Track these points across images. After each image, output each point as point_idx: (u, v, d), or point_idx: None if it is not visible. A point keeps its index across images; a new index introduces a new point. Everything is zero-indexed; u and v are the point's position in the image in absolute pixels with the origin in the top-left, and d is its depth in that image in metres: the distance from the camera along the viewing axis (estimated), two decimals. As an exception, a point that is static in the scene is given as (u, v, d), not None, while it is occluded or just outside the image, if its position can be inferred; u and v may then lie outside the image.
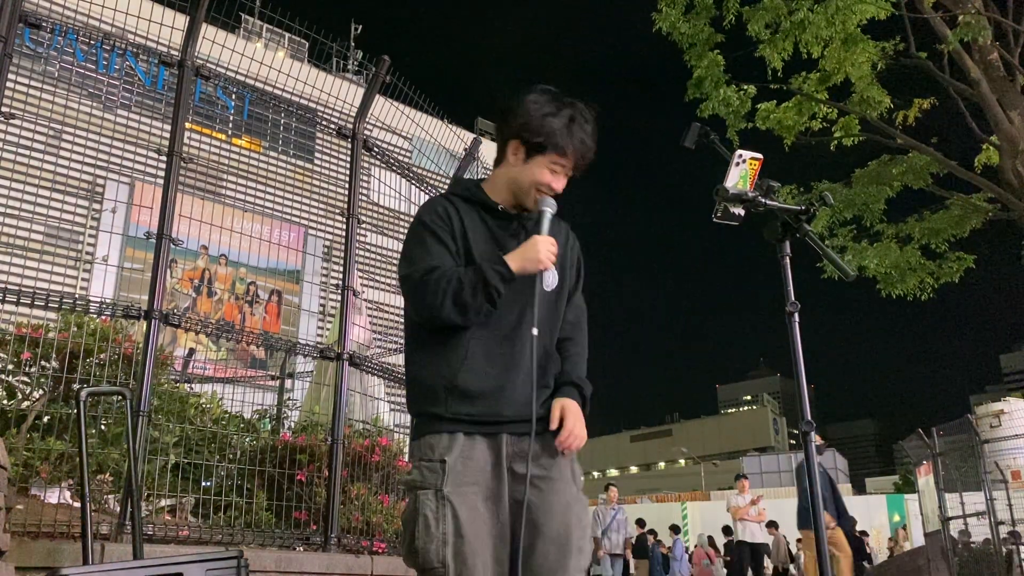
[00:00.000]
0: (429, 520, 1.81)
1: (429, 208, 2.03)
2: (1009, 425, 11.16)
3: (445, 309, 1.85)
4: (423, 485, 1.85)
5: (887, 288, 10.25)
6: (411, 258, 1.95)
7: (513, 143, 2.00)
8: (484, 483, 1.87)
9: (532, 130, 1.96)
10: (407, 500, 1.90)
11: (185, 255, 13.44)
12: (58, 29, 4.19)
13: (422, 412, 1.93)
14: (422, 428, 1.93)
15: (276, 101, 5.35)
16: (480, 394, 1.88)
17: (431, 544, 1.80)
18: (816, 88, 9.84)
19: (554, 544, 1.86)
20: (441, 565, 1.79)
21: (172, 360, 5.50)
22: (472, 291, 1.84)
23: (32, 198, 5.10)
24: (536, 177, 1.98)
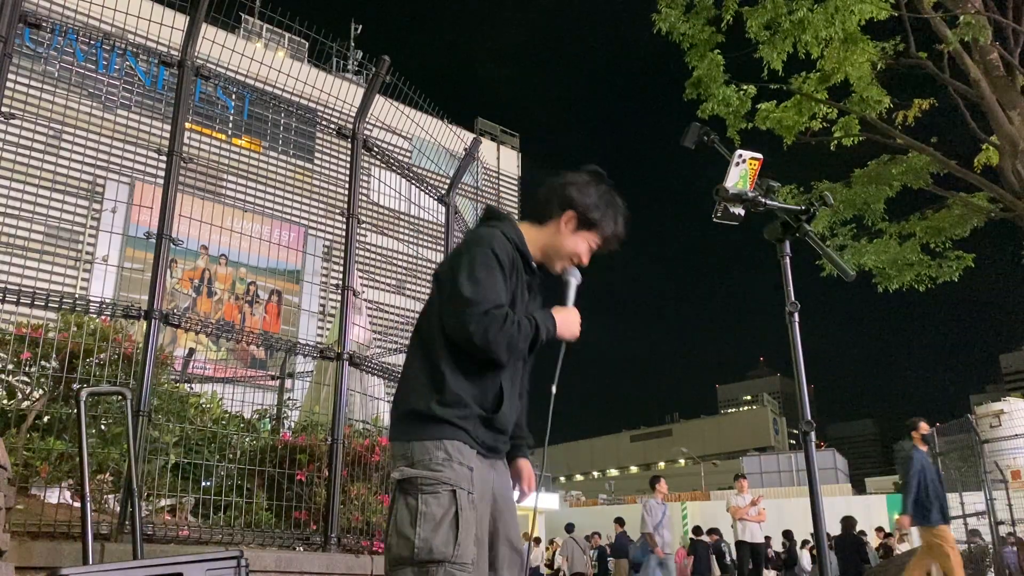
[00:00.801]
0: (469, 519, 1.93)
1: (501, 243, 2.11)
2: (1009, 425, 11.18)
3: (500, 350, 1.97)
4: (459, 484, 1.94)
5: (884, 283, 10.24)
6: (480, 283, 2.00)
7: (568, 213, 2.21)
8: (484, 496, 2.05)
9: (591, 208, 2.20)
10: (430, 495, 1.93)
11: (185, 255, 13.43)
12: (58, 29, 4.19)
13: (450, 423, 2.00)
14: (445, 432, 1.99)
15: (276, 101, 5.35)
16: (499, 431, 2.11)
17: (469, 541, 1.91)
18: (816, 88, 9.84)
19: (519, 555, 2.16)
20: (472, 563, 1.90)
21: (172, 360, 5.50)
22: (525, 339, 2.01)
23: (32, 198, 5.10)
24: (577, 249, 2.22)
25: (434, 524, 1.88)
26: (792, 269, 2.04)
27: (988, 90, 9.38)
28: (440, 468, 1.94)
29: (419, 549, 1.87)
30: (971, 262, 10.14)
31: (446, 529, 1.88)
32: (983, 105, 9.44)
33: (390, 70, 5.25)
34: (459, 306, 1.97)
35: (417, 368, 2.08)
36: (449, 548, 1.86)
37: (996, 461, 10.67)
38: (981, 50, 9.50)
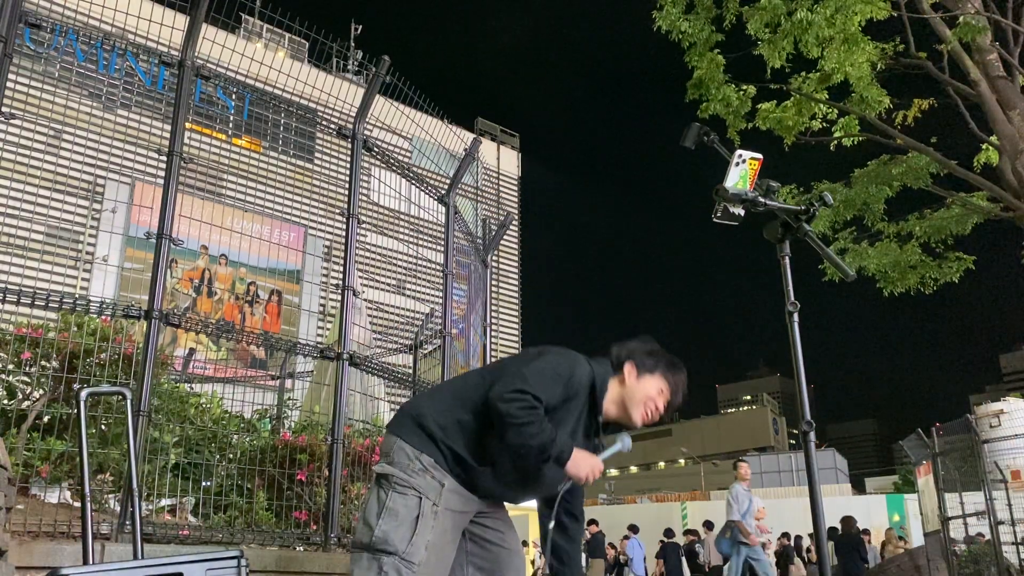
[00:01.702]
0: (427, 526, 2.13)
1: (583, 371, 2.33)
2: (1009, 425, 11.16)
3: (514, 426, 2.11)
4: (426, 494, 2.15)
5: (887, 287, 10.24)
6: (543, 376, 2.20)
7: (628, 364, 2.42)
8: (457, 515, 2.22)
9: (647, 355, 2.44)
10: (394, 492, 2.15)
11: (185, 255, 13.45)
12: (58, 29, 4.19)
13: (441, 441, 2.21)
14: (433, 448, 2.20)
15: (276, 101, 5.35)
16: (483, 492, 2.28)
17: (422, 544, 2.11)
18: (816, 88, 9.83)
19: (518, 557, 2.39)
20: (420, 563, 2.10)
21: (172, 360, 5.50)
22: (537, 437, 2.13)
23: (32, 198, 5.10)
24: (649, 392, 2.40)
25: (396, 520, 2.11)
26: (792, 269, 2.04)
27: (988, 90, 9.37)
28: (414, 476, 2.16)
29: (376, 539, 2.09)
30: (971, 264, 10.14)
31: (405, 527, 2.10)
32: (983, 105, 9.43)
33: (390, 70, 5.25)
34: (513, 379, 2.16)
35: (450, 392, 2.33)
36: (403, 544, 2.08)
37: (996, 461, 10.65)
38: (981, 50, 9.50)
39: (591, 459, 2.25)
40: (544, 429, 2.12)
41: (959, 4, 9.42)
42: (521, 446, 2.13)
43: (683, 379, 2.46)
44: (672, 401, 2.45)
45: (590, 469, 2.23)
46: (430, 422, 2.22)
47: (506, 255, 27.70)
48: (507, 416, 2.10)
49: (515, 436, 2.11)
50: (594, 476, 2.24)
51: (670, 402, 2.44)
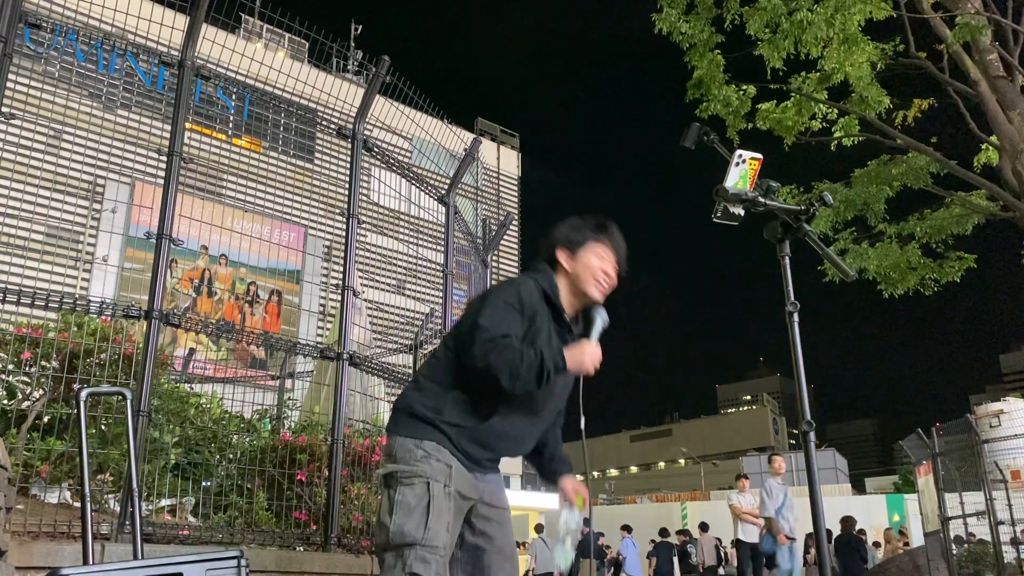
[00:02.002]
0: (441, 508, 2.10)
1: (528, 288, 2.30)
2: (1009, 425, 11.16)
3: (501, 373, 2.09)
4: (435, 478, 2.13)
5: (888, 288, 10.24)
6: (495, 316, 2.18)
7: (559, 251, 2.39)
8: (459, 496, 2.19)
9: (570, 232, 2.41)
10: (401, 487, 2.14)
11: (185, 255, 13.46)
12: (58, 29, 4.19)
13: (438, 428, 2.19)
14: (428, 434, 2.19)
15: (276, 101, 5.35)
16: (484, 446, 2.25)
17: (440, 527, 2.08)
18: (816, 88, 9.83)
19: (512, 563, 2.33)
20: (443, 546, 2.08)
21: (172, 360, 5.50)
22: (528, 367, 2.10)
23: (32, 198, 5.10)
24: (590, 264, 2.35)
25: (407, 511, 2.08)
26: (792, 269, 2.04)
27: (988, 90, 9.37)
28: (418, 464, 2.14)
29: (393, 534, 2.07)
30: (972, 263, 10.14)
31: (418, 516, 2.07)
32: (983, 105, 9.43)
33: (390, 70, 5.25)
34: (472, 331, 2.15)
35: (427, 374, 2.31)
36: (420, 532, 2.05)
37: (996, 461, 10.65)
38: (981, 50, 9.49)
39: (584, 349, 2.22)
40: (527, 356, 2.10)
41: (959, 4, 9.42)
42: (519, 383, 2.11)
43: (615, 233, 2.42)
44: (617, 258, 2.41)
45: (589, 358, 2.21)
46: (422, 408, 2.21)
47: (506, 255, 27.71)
48: (491, 370, 2.08)
49: (509, 380, 2.09)
50: (596, 362, 2.23)
51: (617, 260, 2.41)
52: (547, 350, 2.15)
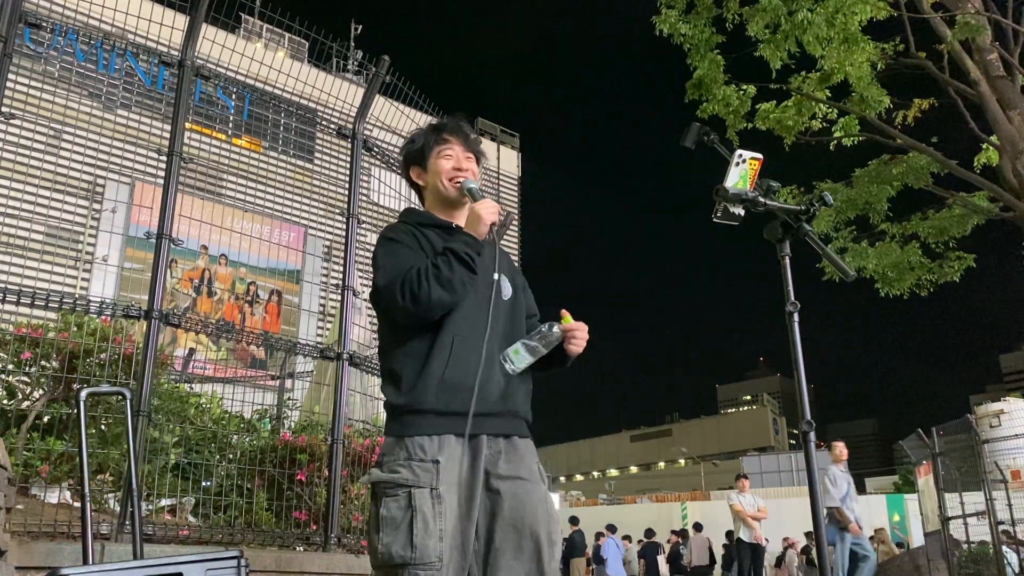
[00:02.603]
0: (428, 517, 1.89)
1: (390, 228, 2.20)
2: (1009, 425, 11.16)
3: (434, 292, 1.96)
4: (417, 484, 1.93)
5: (885, 288, 10.25)
6: (384, 267, 2.06)
7: (411, 171, 2.32)
8: (464, 483, 1.98)
9: (410, 149, 2.31)
10: (385, 499, 1.94)
11: (185, 255, 13.45)
12: (58, 29, 4.19)
13: (409, 409, 2.00)
14: (409, 428, 2.00)
15: (276, 101, 5.35)
16: (467, 387, 1.98)
17: (430, 540, 1.88)
18: (816, 88, 9.84)
19: (530, 540, 1.99)
20: (439, 560, 1.87)
21: (172, 360, 5.50)
22: (448, 266, 1.98)
23: (32, 198, 5.10)
24: (439, 169, 2.23)
25: (394, 528, 1.91)
26: (792, 269, 2.04)
27: (988, 90, 9.38)
28: (398, 469, 1.96)
29: (382, 556, 1.90)
30: (972, 263, 10.14)
31: (403, 533, 1.89)
32: (983, 105, 9.44)
33: (390, 70, 5.25)
34: (382, 295, 2.03)
35: (382, 365, 2.15)
36: (407, 551, 1.87)
37: (996, 461, 10.65)
38: (981, 50, 9.50)
39: (477, 213, 2.08)
40: (439, 261, 1.99)
41: (959, 4, 9.42)
42: (455, 283, 1.98)
43: (451, 124, 2.29)
44: (466, 147, 2.25)
45: (484, 210, 2.07)
46: (392, 399, 2.06)
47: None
48: (421, 299, 1.95)
49: (445, 290, 1.97)
50: (492, 210, 2.08)
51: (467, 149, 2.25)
52: (450, 244, 2.04)
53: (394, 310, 2.02)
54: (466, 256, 2.01)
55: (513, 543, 1.97)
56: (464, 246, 2.02)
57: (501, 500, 2.00)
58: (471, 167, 2.24)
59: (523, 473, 2.06)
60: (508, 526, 1.98)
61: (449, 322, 2.04)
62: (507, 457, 2.06)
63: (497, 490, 2.01)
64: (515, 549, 1.97)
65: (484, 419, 2.02)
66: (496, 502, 2.00)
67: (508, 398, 2.09)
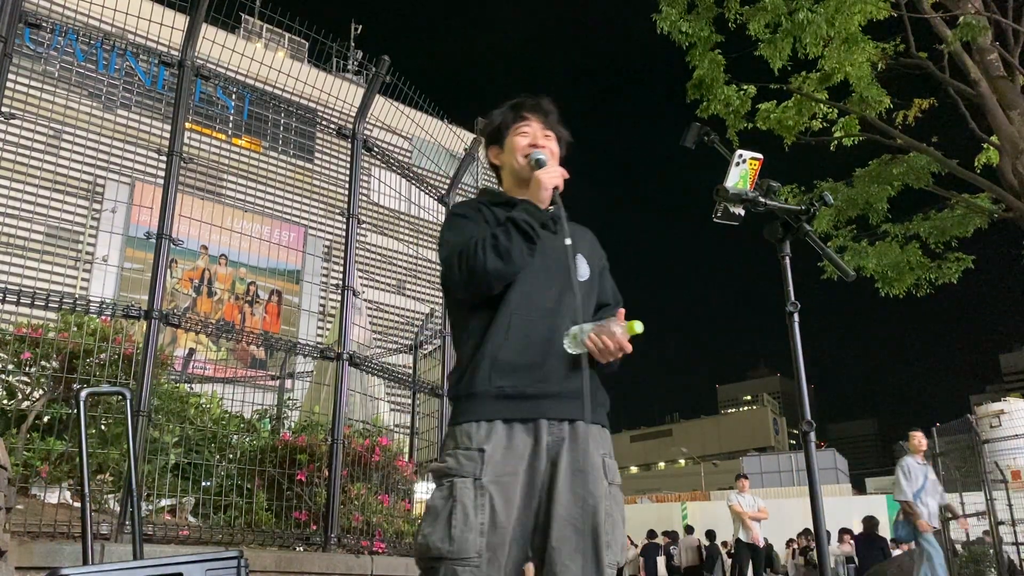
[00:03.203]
0: (468, 509, 1.79)
1: (460, 205, 2.17)
2: (1009, 425, 11.19)
3: (490, 262, 1.87)
4: (460, 473, 1.82)
5: (885, 288, 10.25)
6: (447, 242, 2.01)
7: (490, 151, 2.23)
8: (521, 472, 1.84)
9: (489, 125, 2.23)
10: (435, 488, 1.86)
11: (185, 255, 13.46)
12: (58, 29, 4.19)
13: (462, 394, 1.91)
14: (459, 415, 1.90)
15: (276, 101, 5.35)
16: (522, 367, 1.89)
17: (470, 534, 1.77)
18: (816, 88, 9.84)
19: (589, 540, 1.85)
20: (477, 555, 1.76)
21: (172, 360, 5.50)
22: (507, 235, 1.90)
23: (32, 198, 5.10)
24: (515, 146, 2.14)
25: (434, 519, 1.81)
26: (792, 269, 2.04)
27: (988, 90, 9.38)
28: (446, 459, 1.86)
29: (421, 546, 1.82)
30: (971, 263, 10.14)
31: (443, 524, 1.79)
32: (983, 105, 9.45)
33: (390, 70, 5.25)
34: (446, 272, 1.96)
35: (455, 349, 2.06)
36: (444, 544, 1.77)
37: (996, 461, 10.67)
38: (981, 50, 9.51)
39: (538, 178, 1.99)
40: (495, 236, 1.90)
41: (959, 4, 9.43)
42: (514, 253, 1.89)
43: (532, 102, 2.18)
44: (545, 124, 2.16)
45: (547, 176, 1.99)
46: (452, 385, 1.97)
47: (506, 255, 27.70)
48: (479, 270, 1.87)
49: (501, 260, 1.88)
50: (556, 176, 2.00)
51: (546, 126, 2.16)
52: (510, 214, 1.95)
53: (452, 284, 1.96)
54: (524, 224, 1.91)
55: (572, 542, 1.85)
56: (524, 214, 1.93)
57: (558, 496, 1.85)
58: (549, 145, 2.14)
59: (586, 466, 1.89)
60: (566, 523, 1.85)
61: (508, 299, 1.94)
62: (569, 446, 1.90)
63: (556, 484, 1.86)
64: (573, 549, 1.84)
65: (542, 401, 1.89)
66: (553, 497, 1.86)
67: (573, 378, 1.93)
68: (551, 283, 1.99)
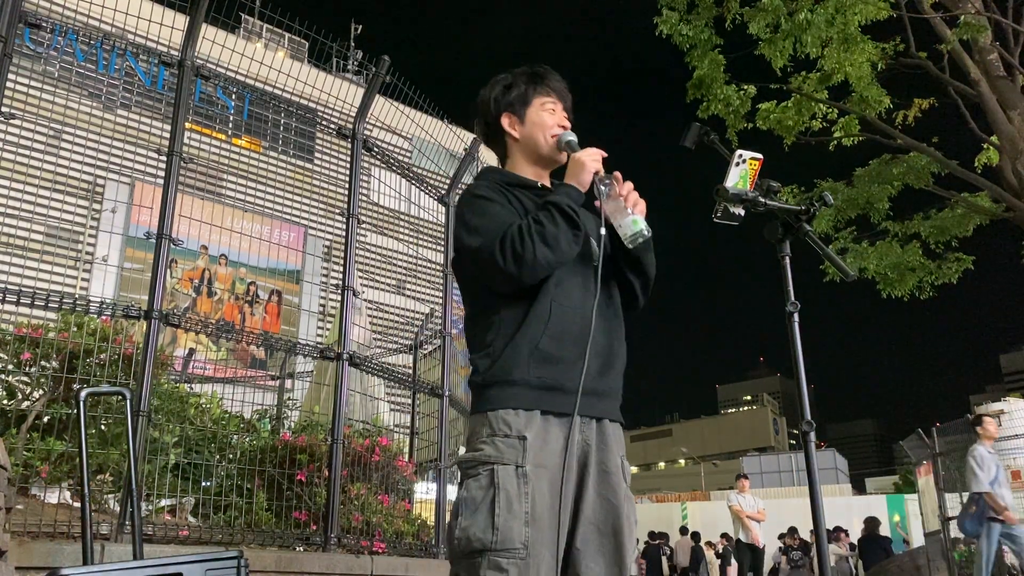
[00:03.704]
0: (512, 496, 1.69)
1: (477, 186, 2.01)
2: (1009, 425, 11.17)
3: (539, 251, 1.77)
4: (502, 460, 1.73)
5: (886, 289, 10.26)
6: (478, 228, 1.85)
7: (503, 118, 2.05)
8: (554, 467, 1.77)
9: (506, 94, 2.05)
10: (468, 479, 1.76)
11: (185, 255, 13.46)
12: (58, 29, 4.19)
13: (498, 380, 1.81)
14: (494, 402, 1.80)
15: (276, 101, 5.35)
16: (560, 359, 1.81)
17: (514, 522, 1.68)
18: (816, 88, 9.85)
19: (611, 541, 1.81)
20: (523, 546, 1.67)
21: (172, 360, 5.50)
22: (552, 221, 1.79)
23: (32, 198, 5.10)
24: (543, 122, 2.01)
25: (473, 510, 1.71)
26: (792, 269, 2.04)
27: (988, 90, 9.38)
28: (482, 446, 1.77)
29: (459, 539, 1.71)
30: (971, 264, 10.15)
31: (484, 514, 1.69)
32: (983, 105, 9.45)
33: (390, 70, 5.25)
34: (478, 258, 1.84)
35: (469, 335, 1.96)
36: (488, 535, 1.67)
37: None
38: (981, 50, 9.51)
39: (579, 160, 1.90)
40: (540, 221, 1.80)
41: (959, 4, 9.43)
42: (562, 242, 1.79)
43: (553, 75, 2.07)
44: (564, 104, 2.06)
45: (588, 158, 1.89)
46: (480, 369, 1.85)
47: (506, 255, 27.67)
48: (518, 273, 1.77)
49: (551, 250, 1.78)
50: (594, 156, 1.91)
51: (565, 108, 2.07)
52: (550, 197, 1.84)
53: (493, 273, 1.82)
54: (569, 210, 1.80)
55: (595, 544, 1.80)
56: (567, 198, 1.82)
57: (586, 495, 1.81)
58: (567, 123, 2.06)
59: (611, 467, 1.86)
60: (590, 524, 1.80)
61: (545, 288, 1.84)
62: (597, 446, 1.85)
63: (585, 484, 1.82)
64: (596, 550, 1.79)
65: (577, 397, 1.81)
66: (581, 496, 1.81)
67: (606, 375, 1.89)
68: (578, 274, 1.92)
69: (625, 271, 2.04)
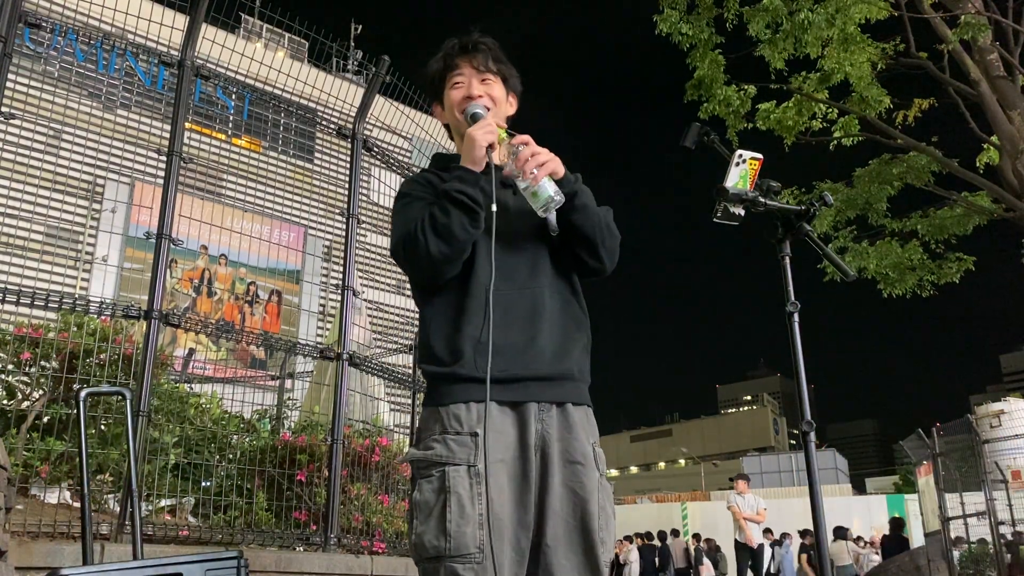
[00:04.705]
0: (464, 500, 1.62)
1: (407, 182, 1.99)
2: (1009, 425, 11.17)
3: (432, 245, 1.70)
4: (452, 460, 1.65)
5: (887, 288, 10.26)
6: (393, 231, 1.84)
7: (435, 109, 2.04)
8: (511, 460, 1.69)
9: (427, 86, 2.03)
10: (421, 480, 1.69)
11: (185, 255, 13.46)
12: (58, 29, 4.19)
13: (444, 376, 1.73)
14: (443, 396, 1.72)
15: (276, 101, 5.35)
16: (508, 347, 1.71)
17: (467, 527, 1.61)
18: (816, 88, 9.85)
19: (581, 536, 1.71)
20: (478, 550, 1.60)
21: (172, 360, 5.50)
22: (444, 212, 1.70)
23: (32, 198, 5.10)
24: (452, 103, 1.92)
25: (427, 515, 1.64)
26: (792, 269, 2.04)
27: (988, 90, 9.38)
28: (433, 444, 1.68)
29: (415, 546, 1.66)
30: (971, 265, 10.15)
31: (436, 519, 1.62)
32: (983, 105, 9.45)
33: (390, 70, 5.25)
34: (395, 260, 1.81)
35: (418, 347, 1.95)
36: (441, 541, 1.60)
37: (996, 461, 10.66)
38: (981, 50, 9.51)
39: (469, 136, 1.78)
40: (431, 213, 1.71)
41: (959, 4, 9.43)
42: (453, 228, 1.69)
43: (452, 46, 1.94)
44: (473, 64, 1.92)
45: (480, 135, 1.75)
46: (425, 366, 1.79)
47: (506, 255, 27.66)
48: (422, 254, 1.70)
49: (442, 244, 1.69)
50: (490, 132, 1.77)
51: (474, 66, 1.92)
52: (446, 183, 1.75)
53: (407, 273, 1.82)
54: (457, 195, 1.70)
55: (564, 539, 1.69)
56: (457, 183, 1.72)
57: (551, 488, 1.70)
58: (488, 91, 1.91)
59: (576, 455, 1.74)
60: (558, 518, 1.70)
61: (479, 271, 1.76)
62: (560, 435, 1.74)
63: (549, 475, 1.71)
64: (567, 546, 1.69)
65: (531, 384, 1.72)
66: (547, 489, 1.70)
67: (562, 357, 1.78)
68: (522, 251, 1.82)
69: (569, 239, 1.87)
